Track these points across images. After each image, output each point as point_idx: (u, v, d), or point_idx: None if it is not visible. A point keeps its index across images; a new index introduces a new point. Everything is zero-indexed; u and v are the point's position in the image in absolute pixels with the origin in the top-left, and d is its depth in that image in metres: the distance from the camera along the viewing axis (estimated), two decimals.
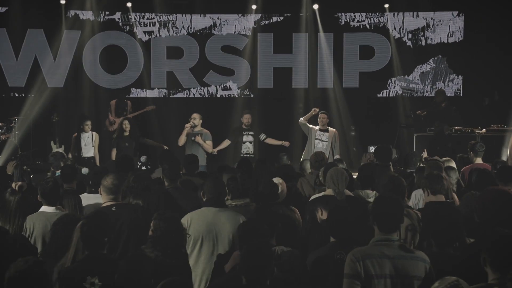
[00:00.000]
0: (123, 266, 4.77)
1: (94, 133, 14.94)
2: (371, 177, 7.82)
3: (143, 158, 9.66)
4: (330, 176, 7.38)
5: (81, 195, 7.62)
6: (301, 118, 14.52)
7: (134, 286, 4.66)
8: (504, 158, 12.34)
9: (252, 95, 18.73)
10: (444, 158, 9.93)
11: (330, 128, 14.36)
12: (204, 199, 6.67)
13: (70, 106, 17.89)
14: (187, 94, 18.88)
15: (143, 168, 9.23)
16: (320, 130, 14.18)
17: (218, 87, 18.89)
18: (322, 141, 14.04)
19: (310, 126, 14.30)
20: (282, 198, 7.11)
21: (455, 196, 7.33)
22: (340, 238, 5.48)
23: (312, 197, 7.63)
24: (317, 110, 14.46)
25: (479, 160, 10.25)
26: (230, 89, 18.86)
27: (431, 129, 15.17)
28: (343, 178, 7.34)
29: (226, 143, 14.69)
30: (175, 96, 18.84)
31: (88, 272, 4.81)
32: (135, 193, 7.08)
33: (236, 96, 18.82)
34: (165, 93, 18.81)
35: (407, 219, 6.35)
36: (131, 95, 18.36)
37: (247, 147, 14.43)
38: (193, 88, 18.82)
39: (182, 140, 14.00)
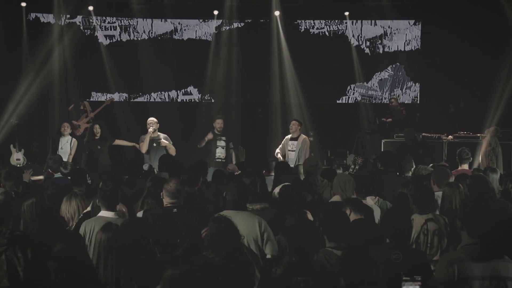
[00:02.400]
0: (229, 268, 4.79)
1: (73, 139, 14.69)
2: (371, 184, 7.94)
3: (145, 166, 9.67)
4: (337, 182, 7.58)
5: None
6: (277, 153, 14.06)
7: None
8: (475, 165, 12.74)
9: (213, 100, 18.80)
10: (431, 165, 10.24)
11: (301, 136, 14.06)
12: (228, 200, 6.80)
13: (29, 109, 17.58)
14: (147, 98, 18.86)
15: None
16: (291, 139, 14.00)
17: (179, 91, 18.94)
18: (292, 150, 13.82)
19: (284, 141, 14.08)
20: None
21: None
22: (395, 240, 5.57)
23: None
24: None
25: (465, 167, 10.53)
26: (191, 94, 18.92)
27: (399, 135, 15.47)
28: (350, 184, 7.55)
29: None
30: (135, 100, 18.80)
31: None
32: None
33: (197, 101, 18.89)
34: (125, 97, 18.75)
35: (434, 223, 6.61)
36: (91, 99, 18.24)
37: (219, 151, 14.28)
38: (154, 93, 18.82)
39: (146, 146, 13.54)
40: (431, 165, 10.33)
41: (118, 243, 5.16)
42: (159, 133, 13.83)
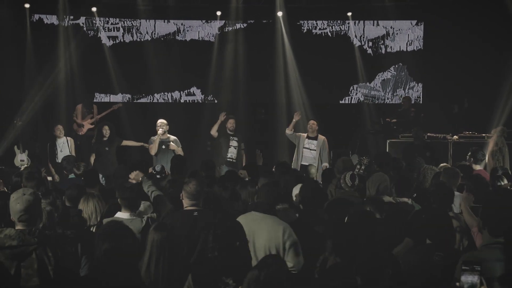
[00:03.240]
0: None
1: (69, 138, 14.72)
2: (408, 185, 7.99)
3: (157, 167, 9.66)
4: (367, 182, 7.63)
5: None
6: (287, 130, 14.28)
7: None
8: (482, 164, 12.75)
9: (216, 101, 18.80)
10: (442, 164, 10.29)
11: (320, 136, 14.10)
12: (256, 199, 6.76)
13: (34, 110, 17.55)
14: (150, 99, 18.88)
15: (158, 176, 9.21)
16: (308, 137, 13.97)
17: (182, 92, 18.95)
18: (311, 149, 13.85)
19: (298, 134, 14.11)
20: None
21: None
22: (437, 241, 5.57)
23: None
24: (299, 116, 14.46)
25: (478, 168, 10.56)
26: (194, 94, 18.93)
27: (405, 135, 15.47)
28: (378, 183, 7.57)
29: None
30: (139, 101, 18.81)
31: (221, 272, 4.85)
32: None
33: (200, 102, 18.90)
34: (129, 98, 18.76)
35: (456, 221, 6.65)
36: (95, 100, 18.24)
37: (231, 151, 14.15)
38: (157, 94, 18.83)
39: (156, 148, 13.34)
40: (441, 164, 10.38)
41: (171, 242, 5.23)
42: (169, 135, 13.65)
